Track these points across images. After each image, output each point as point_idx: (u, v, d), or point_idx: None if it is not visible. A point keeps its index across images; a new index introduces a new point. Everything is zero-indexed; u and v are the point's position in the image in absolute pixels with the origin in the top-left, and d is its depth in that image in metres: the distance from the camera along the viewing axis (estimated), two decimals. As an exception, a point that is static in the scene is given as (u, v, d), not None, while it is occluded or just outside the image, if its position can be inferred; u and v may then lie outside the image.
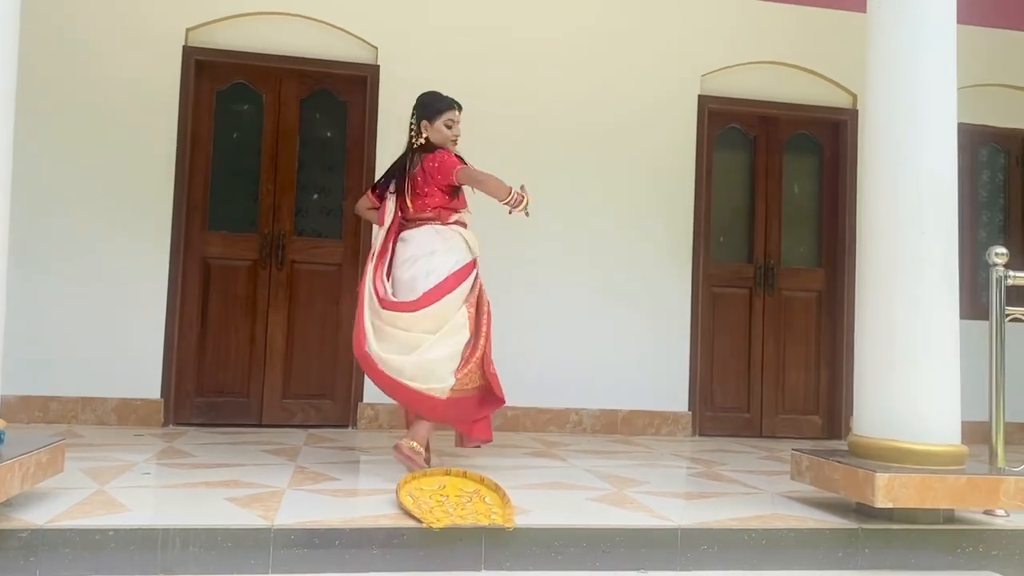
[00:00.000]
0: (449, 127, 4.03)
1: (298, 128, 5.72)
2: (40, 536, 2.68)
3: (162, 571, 2.71)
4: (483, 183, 3.89)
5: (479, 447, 4.19)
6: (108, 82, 5.37)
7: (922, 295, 3.33)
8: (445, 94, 4.10)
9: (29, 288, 5.03)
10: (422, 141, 4.03)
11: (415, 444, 3.78)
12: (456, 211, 4.03)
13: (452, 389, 3.78)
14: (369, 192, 4.27)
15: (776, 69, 6.31)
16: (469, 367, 3.83)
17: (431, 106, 4.06)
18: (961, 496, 3.22)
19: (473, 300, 3.93)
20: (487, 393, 3.91)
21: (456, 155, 4.03)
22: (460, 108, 4.09)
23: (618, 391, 5.89)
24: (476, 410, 3.94)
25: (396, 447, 3.79)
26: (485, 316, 3.94)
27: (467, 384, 3.84)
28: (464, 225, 4.06)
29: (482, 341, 3.89)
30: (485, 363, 3.87)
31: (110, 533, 2.73)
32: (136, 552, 2.72)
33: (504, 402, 3.95)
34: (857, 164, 6.10)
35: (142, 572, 2.70)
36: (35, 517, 2.79)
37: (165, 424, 5.30)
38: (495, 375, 3.89)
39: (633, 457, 4.81)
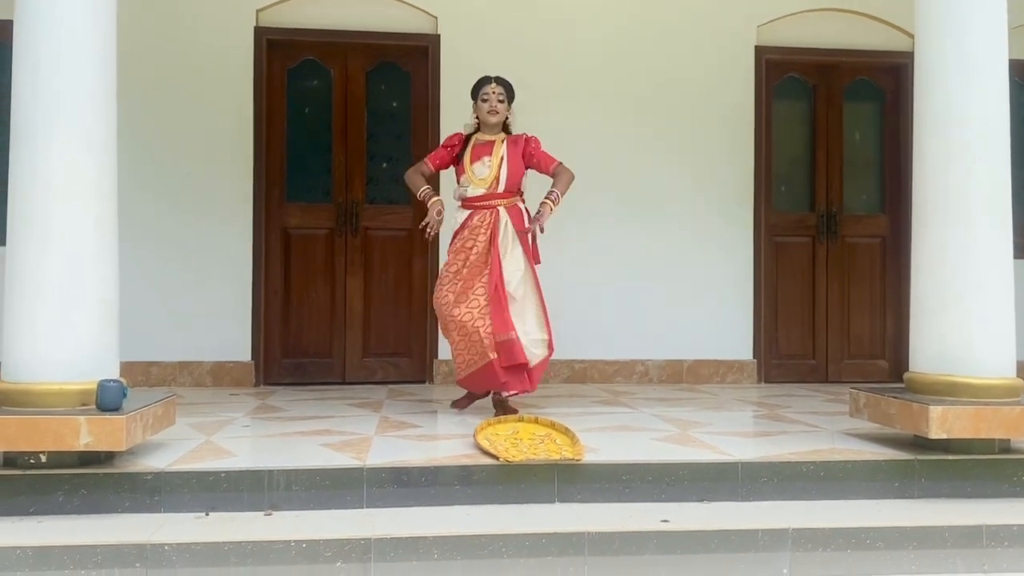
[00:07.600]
0: (485, 100, 4.41)
1: (365, 100, 5.98)
2: (163, 478, 3.04)
3: (269, 507, 3.04)
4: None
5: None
6: (187, 68, 5.68)
7: (971, 233, 3.42)
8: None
9: (129, 264, 5.39)
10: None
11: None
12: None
13: None
14: None
15: (833, 16, 6.28)
16: None
17: (473, 89, 4.47)
18: (1015, 426, 3.33)
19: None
20: None
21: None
22: (495, 81, 4.42)
23: (683, 341, 6.05)
24: None
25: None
26: None
27: None
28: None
29: None
30: None
31: (222, 475, 3.07)
32: (246, 491, 3.06)
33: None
34: (916, 106, 6.07)
35: (251, 508, 3.03)
36: (157, 462, 3.14)
37: (256, 384, 5.68)
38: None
39: (698, 403, 4.99)
